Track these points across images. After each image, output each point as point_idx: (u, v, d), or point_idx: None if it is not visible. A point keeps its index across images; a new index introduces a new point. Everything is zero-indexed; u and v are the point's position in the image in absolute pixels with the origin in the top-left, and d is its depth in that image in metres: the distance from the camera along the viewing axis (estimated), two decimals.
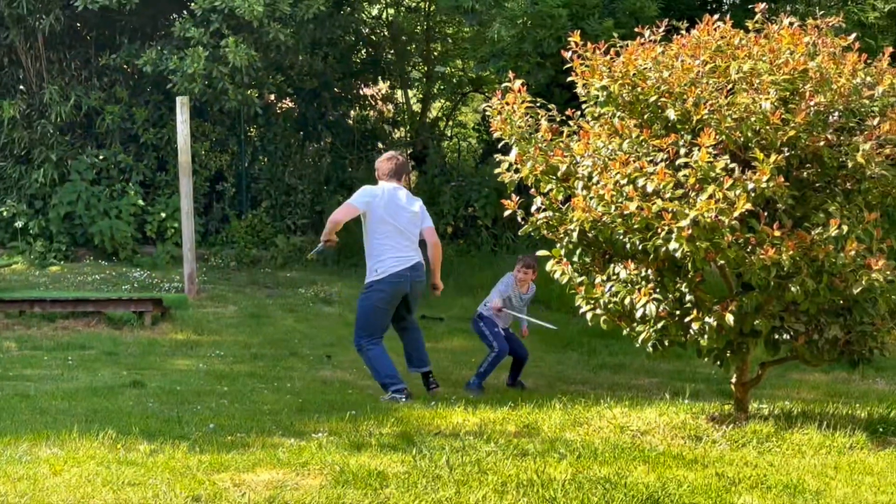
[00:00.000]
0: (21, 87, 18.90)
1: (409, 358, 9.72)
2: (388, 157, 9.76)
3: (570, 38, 7.51)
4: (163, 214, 18.19)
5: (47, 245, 17.93)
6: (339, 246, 10.31)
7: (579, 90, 7.49)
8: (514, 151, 7.54)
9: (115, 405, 8.49)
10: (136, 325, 13.22)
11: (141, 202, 18.15)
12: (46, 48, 18.54)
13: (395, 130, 22.47)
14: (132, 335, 12.76)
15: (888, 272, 6.55)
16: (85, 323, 13.34)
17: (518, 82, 7.72)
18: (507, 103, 7.65)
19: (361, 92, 21.96)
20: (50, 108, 18.12)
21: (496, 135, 7.67)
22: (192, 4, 16.85)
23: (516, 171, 7.58)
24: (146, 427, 7.28)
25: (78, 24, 18.86)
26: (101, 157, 18.36)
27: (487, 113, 7.87)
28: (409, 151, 21.85)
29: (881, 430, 7.25)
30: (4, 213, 18.11)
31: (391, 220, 9.36)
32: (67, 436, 6.74)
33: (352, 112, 21.59)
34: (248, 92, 17.79)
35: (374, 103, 22.05)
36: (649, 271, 7.18)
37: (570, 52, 7.48)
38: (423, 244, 9.61)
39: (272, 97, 20.25)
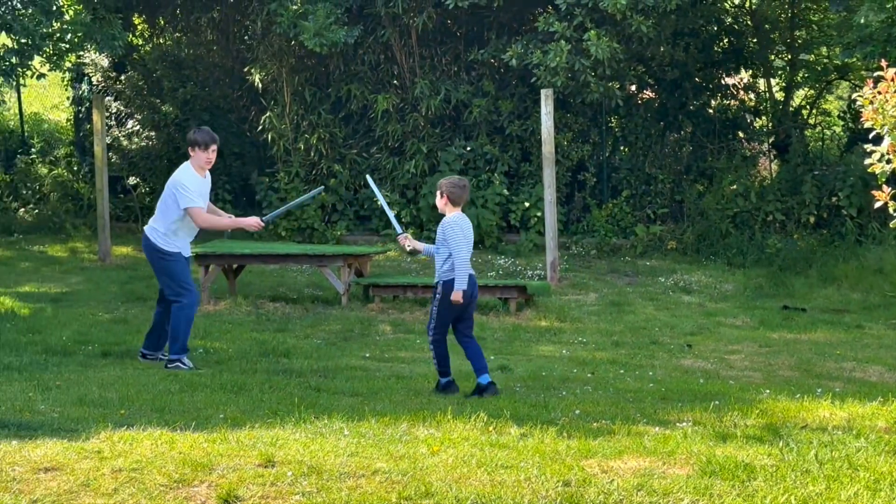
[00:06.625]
0: (395, 81, 19.77)
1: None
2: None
3: None
4: (526, 204, 18.56)
5: (418, 233, 18.69)
6: (698, 234, 10.20)
7: None
8: (887, 141, 7.26)
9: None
10: (501, 311, 13.58)
11: (505, 192, 18.60)
12: (419, 45, 19.32)
13: (757, 119, 21.98)
14: (497, 321, 13.10)
15: None
16: None
17: (891, 70, 7.41)
18: (879, 92, 7.37)
19: (723, 81, 21.62)
20: (421, 101, 18.90)
21: (867, 124, 7.41)
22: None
23: (888, 161, 7.31)
24: (515, 411, 7.39)
25: (448, 21, 19.52)
26: (468, 149, 18.97)
27: (858, 102, 7.59)
28: (771, 140, 21.36)
29: None
30: (378, 203, 19.00)
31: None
32: (442, 417, 6.95)
33: (712, 101, 21.29)
34: (610, 84, 17.90)
35: (735, 93, 21.66)
36: None
37: None
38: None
39: (633, 88, 20.28)
